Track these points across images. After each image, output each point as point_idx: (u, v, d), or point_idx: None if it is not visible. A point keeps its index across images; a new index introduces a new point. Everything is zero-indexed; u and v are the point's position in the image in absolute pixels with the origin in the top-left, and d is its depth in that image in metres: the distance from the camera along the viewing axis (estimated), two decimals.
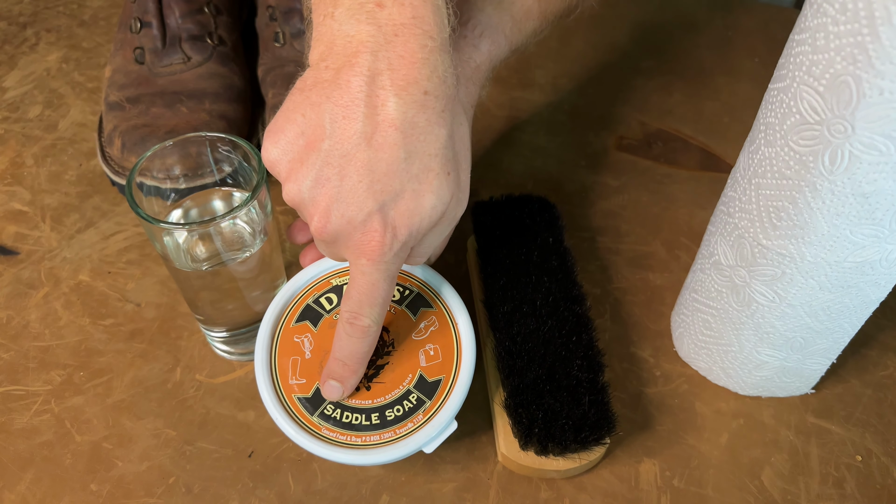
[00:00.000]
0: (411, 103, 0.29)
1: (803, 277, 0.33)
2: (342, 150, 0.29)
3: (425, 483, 0.37)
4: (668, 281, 0.47)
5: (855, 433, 0.39)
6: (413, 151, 0.29)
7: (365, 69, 0.29)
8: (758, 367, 0.39)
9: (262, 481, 0.37)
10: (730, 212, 0.35)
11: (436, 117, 0.30)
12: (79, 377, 0.41)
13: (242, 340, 0.41)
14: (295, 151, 0.30)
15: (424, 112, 0.29)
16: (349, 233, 0.30)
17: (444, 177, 0.30)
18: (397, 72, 0.29)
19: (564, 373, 0.36)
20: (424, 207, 0.30)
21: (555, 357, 0.37)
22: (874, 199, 0.28)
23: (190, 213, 0.40)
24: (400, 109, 0.29)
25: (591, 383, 0.36)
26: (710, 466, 0.38)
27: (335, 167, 0.29)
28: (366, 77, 0.29)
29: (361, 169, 0.29)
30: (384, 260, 0.31)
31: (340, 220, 0.30)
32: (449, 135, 0.30)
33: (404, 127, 0.29)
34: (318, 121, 0.29)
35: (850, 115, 0.26)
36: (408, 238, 0.31)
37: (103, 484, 0.37)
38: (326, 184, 0.30)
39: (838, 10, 0.25)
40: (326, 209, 0.30)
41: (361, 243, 0.31)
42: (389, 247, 0.31)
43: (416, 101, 0.29)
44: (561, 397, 0.36)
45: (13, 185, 0.52)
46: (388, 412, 0.35)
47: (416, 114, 0.29)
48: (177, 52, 0.51)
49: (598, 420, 0.35)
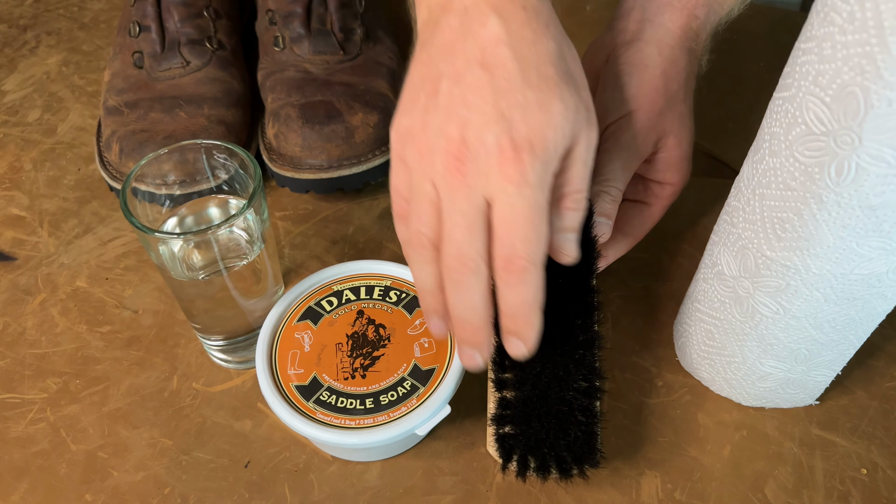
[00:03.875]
0: (512, 19, 0.29)
1: (808, 289, 0.32)
2: (460, 82, 0.29)
3: (423, 495, 0.37)
4: (671, 289, 0.46)
5: (860, 446, 0.39)
6: (527, 62, 0.29)
7: (460, 6, 0.29)
8: (761, 378, 0.38)
9: (259, 492, 0.37)
10: (733, 222, 0.34)
11: (542, 29, 0.30)
12: (75, 385, 0.41)
13: (240, 349, 0.41)
14: (421, 107, 0.30)
15: (528, 25, 0.30)
16: (486, 159, 0.29)
17: (564, 85, 0.30)
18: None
19: (557, 396, 0.34)
20: (555, 116, 0.29)
21: (551, 377, 0.34)
22: (882, 211, 0.27)
23: (186, 221, 0.39)
24: (503, 25, 0.29)
25: (584, 412, 0.34)
26: (713, 479, 0.38)
27: (459, 99, 0.29)
28: (462, 11, 0.29)
29: (481, 90, 0.29)
30: (528, 181, 0.29)
31: (476, 145, 0.29)
32: (559, 48, 0.30)
33: (511, 41, 0.29)
34: (433, 71, 0.30)
35: (858, 127, 0.25)
36: (544, 154, 0.29)
37: (98, 494, 0.37)
38: (454, 117, 0.29)
39: (846, 20, 0.24)
40: (459, 141, 0.29)
41: (501, 166, 0.29)
42: (530, 164, 0.29)
43: (516, 16, 0.29)
44: (549, 424, 0.33)
45: (11, 189, 0.52)
46: (382, 397, 0.36)
47: (520, 27, 0.29)
48: (176, 57, 0.51)
49: (583, 453, 0.33)
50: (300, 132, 0.47)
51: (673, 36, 0.39)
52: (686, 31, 0.39)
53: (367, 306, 0.39)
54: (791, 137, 0.28)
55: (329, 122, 0.47)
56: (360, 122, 0.48)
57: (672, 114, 0.39)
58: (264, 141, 0.51)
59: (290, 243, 0.49)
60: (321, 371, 0.36)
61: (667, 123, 0.39)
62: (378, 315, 0.39)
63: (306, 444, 0.39)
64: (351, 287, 0.40)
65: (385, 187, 0.53)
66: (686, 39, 0.39)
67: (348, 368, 0.36)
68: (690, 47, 0.40)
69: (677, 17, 0.39)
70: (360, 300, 0.39)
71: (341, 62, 0.51)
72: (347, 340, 0.38)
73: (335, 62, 0.51)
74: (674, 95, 0.39)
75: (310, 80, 0.50)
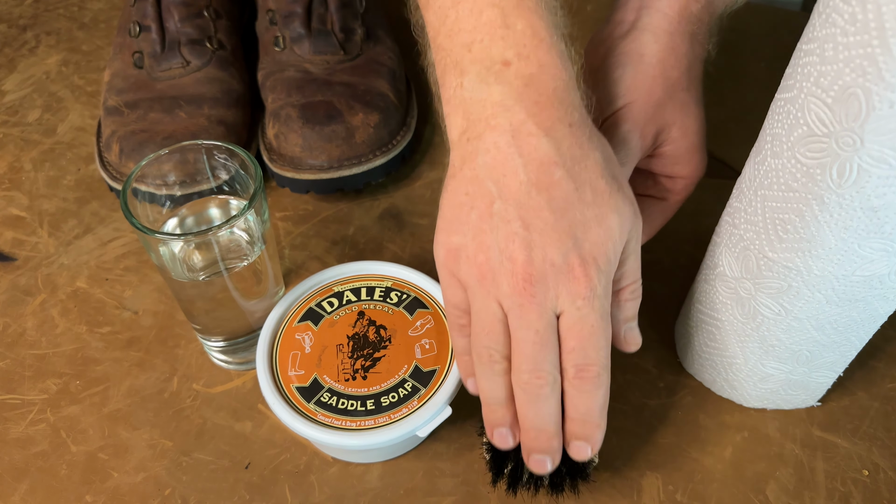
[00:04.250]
0: (562, 139, 0.30)
1: (810, 291, 0.32)
2: (516, 203, 0.29)
3: (424, 497, 0.37)
4: (672, 290, 0.46)
5: (862, 447, 0.39)
6: (581, 180, 0.30)
7: (506, 125, 0.29)
8: (763, 379, 0.38)
9: (259, 493, 0.37)
10: (735, 223, 0.34)
11: (588, 144, 0.30)
12: (75, 386, 0.41)
13: (240, 350, 0.41)
14: (472, 226, 0.30)
15: (577, 142, 0.30)
16: (555, 277, 0.30)
17: (616, 193, 0.31)
18: (538, 116, 0.29)
19: None
20: (613, 229, 0.30)
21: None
22: (883, 213, 0.27)
23: (186, 222, 0.39)
24: (553, 146, 0.29)
25: None
26: (714, 480, 0.37)
27: (516, 220, 0.29)
28: (510, 131, 0.29)
29: (542, 212, 0.29)
30: (597, 294, 0.30)
31: (542, 266, 0.30)
32: (604, 158, 0.31)
33: (564, 161, 0.30)
34: (482, 190, 0.30)
35: (859, 128, 0.25)
36: (607, 265, 0.31)
37: (98, 495, 0.37)
38: (515, 238, 0.29)
39: (847, 21, 0.24)
40: (525, 261, 0.29)
41: (569, 283, 0.30)
42: (597, 279, 0.30)
43: (564, 135, 0.30)
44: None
45: (11, 189, 0.52)
46: (383, 399, 0.35)
47: (569, 146, 0.30)
48: (176, 57, 0.50)
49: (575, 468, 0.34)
50: (300, 132, 0.47)
51: (671, 21, 0.37)
52: (685, 15, 0.37)
53: (367, 307, 0.39)
54: (793, 138, 0.28)
55: (329, 123, 0.47)
56: (361, 123, 0.48)
57: (673, 103, 0.37)
58: (264, 141, 0.51)
59: (290, 244, 0.49)
60: (322, 372, 0.36)
61: (668, 114, 0.37)
62: (379, 316, 0.39)
63: (307, 446, 0.39)
64: (352, 288, 0.40)
65: (384, 188, 0.53)
66: (686, 23, 0.37)
67: (349, 370, 0.36)
68: (692, 31, 0.38)
69: (674, 1, 0.37)
70: (360, 301, 0.39)
71: (342, 62, 0.51)
72: (348, 342, 0.38)
73: (335, 62, 0.51)
74: (674, 84, 0.37)
75: (310, 80, 0.50)
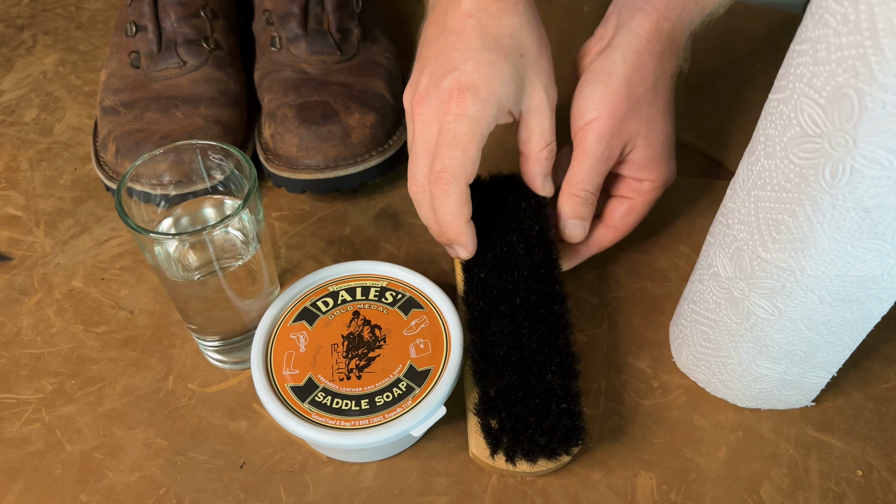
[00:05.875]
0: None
1: (803, 291, 0.32)
2: (433, 44, 0.38)
3: (419, 496, 0.37)
4: (667, 290, 0.46)
5: (856, 447, 0.39)
6: (487, 33, 0.37)
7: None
8: (757, 379, 0.38)
9: (254, 493, 0.37)
10: (729, 223, 0.34)
11: (509, 7, 0.37)
12: (70, 385, 0.41)
13: (235, 349, 0.41)
14: (418, 63, 0.40)
15: (495, 2, 0.37)
16: (437, 98, 0.37)
17: (516, 56, 0.37)
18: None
19: (538, 378, 0.36)
20: (503, 73, 0.37)
21: (529, 362, 0.36)
22: (876, 213, 0.27)
23: (181, 222, 0.39)
24: (473, 2, 0.37)
25: (564, 390, 0.36)
26: (708, 480, 0.37)
27: (431, 57, 0.38)
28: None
29: (447, 49, 0.37)
30: (466, 114, 0.36)
31: (428, 83, 0.38)
32: (521, 22, 0.37)
33: (477, 13, 0.37)
34: (423, 38, 0.40)
35: (852, 129, 0.25)
36: (488, 97, 0.37)
37: (93, 494, 0.37)
38: (424, 70, 0.38)
39: (840, 22, 0.24)
40: (425, 86, 0.38)
41: (447, 103, 0.37)
42: (472, 101, 0.36)
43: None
44: (532, 405, 0.35)
45: (7, 189, 0.52)
46: (377, 398, 0.36)
47: (488, 3, 0.37)
48: (172, 57, 0.50)
49: (568, 430, 0.35)
50: (297, 132, 0.47)
51: (640, 40, 0.40)
52: (655, 35, 0.40)
53: (362, 307, 0.39)
54: (786, 139, 0.28)
55: (325, 123, 0.47)
56: (357, 123, 0.48)
57: (638, 118, 0.40)
58: (261, 141, 0.51)
59: (286, 244, 0.49)
60: (316, 372, 0.36)
61: (633, 128, 0.41)
62: (374, 316, 0.39)
63: (302, 445, 0.39)
64: (347, 288, 0.40)
65: (381, 188, 0.53)
66: (655, 42, 0.40)
67: (344, 369, 0.36)
68: (661, 50, 0.41)
69: (645, 21, 0.40)
70: (355, 301, 0.39)
71: (338, 62, 0.51)
72: (343, 341, 0.38)
73: (332, 62, 0.51)
74: (639, 100, 0.40)
75: (306, 80, 0.50)
